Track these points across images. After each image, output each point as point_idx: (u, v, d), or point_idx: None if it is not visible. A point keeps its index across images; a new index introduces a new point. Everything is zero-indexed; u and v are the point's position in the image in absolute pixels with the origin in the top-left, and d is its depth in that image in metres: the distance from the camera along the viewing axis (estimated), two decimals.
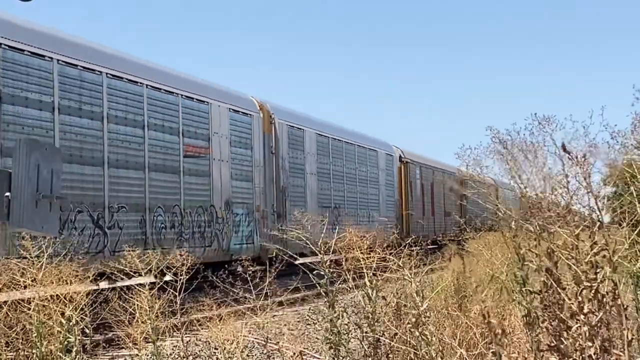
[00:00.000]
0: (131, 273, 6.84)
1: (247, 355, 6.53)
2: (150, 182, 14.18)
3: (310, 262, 7.93)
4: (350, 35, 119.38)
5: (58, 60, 12.19)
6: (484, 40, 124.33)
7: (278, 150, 19.79)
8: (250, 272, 7.71)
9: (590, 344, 4.55)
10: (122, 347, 7.79)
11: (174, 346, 8.46)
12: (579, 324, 4.59)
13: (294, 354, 6.50)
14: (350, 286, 7.38)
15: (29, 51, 11.61)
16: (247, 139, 18.28)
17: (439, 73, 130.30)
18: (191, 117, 15.92)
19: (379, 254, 7.14)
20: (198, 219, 15.78)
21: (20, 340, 6.47)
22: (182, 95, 15.66)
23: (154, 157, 14.43)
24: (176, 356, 7.55)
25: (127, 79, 13.93)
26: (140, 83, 14.33)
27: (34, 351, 6.07)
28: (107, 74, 13.35)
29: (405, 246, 7.28)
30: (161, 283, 6.94)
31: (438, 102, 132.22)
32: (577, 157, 4.61)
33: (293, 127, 21.01)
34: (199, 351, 8.22)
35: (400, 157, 30.49)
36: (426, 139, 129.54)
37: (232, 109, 17.71)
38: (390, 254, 6.93)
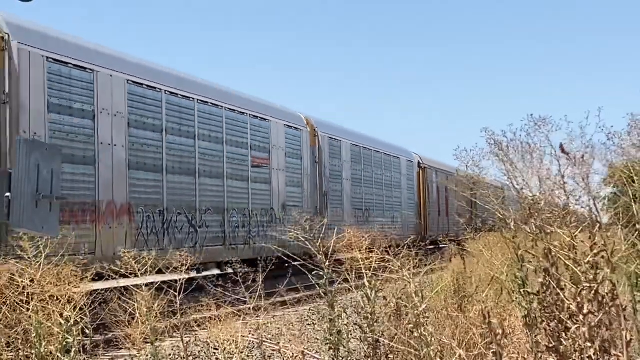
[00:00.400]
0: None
1: (247, 356, 6.54)
2: (227, 189, 17.24)
3: (310, 263, 7.95)
4: (350, 35, 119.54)
5: (165, 90, 15.24)
6: (484, 40, 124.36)
7: (321, 159, 22.84)
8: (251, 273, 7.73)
9: (589, 344, 4.55)
10: (122, 348, 7.80)
11: (174, 347, 8.47)
12: (578, 325, 4.60)
13: (295, 354, 6.50)
14: (351, 286, 7.38)
15: (147, 85, 14.73)
16: (298, 151, 21.42)
17: (439, 73, 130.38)
18: (257, 133, 19.04)
19: (378, 254, 7.14)
20: (262, 220, 18.81)
21: (21, 341, 6.47)
22: (250, 114, 18.76)
23: (230, 168, 17.49)
24: (176, 356, 7.55)
25: (211, 103, 16.98)
26: (220, 106, 17.34)
27: (33, 351, 6.07)
28: (197, 100, 16.46)
29: (420, 246, 7.28)
30: (158, 283, 6.94)
31: (438, 102, 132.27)
32: (575, 158, 4.61)
33: (332, 138, 24.03)
34: (199, 352, 8.23)
35: (419, 163, 33.51)
36: (427, 139, 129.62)
37: (287, 125, 20.87)
38: (391, 254, 6.93)
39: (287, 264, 10.64)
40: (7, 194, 5.06)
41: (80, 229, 12.08)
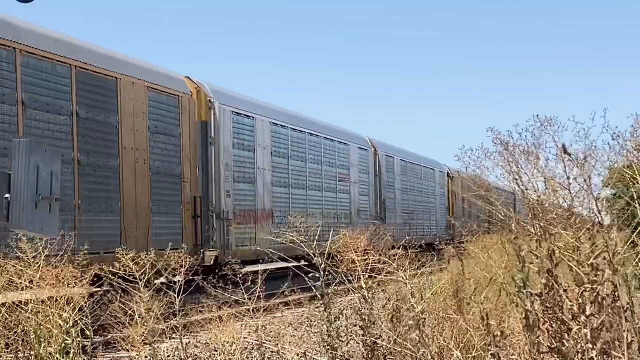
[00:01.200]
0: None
1: (247, 357, 6.53)
2: (324, 199, 22.91)
3: (305, 265, 7.96)
4: (349, 35, 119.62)
5: (290, 128, 20.87)
6: (484, 40, 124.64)
7: (380, 173, 28.49)
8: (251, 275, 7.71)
9: (591, 346, 4.56)
10: (120, 349, 7.78)
11: (174, 348, 8.45)
12: (579, 326, 4.61)
13: (297, 354, 6.49)
14: (350, 288, 7.37)
15: (281, 125, 20.30)
16: (366, 167, 26.97)
17: (440, 73, 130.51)
18: (342, 155, 24.68)
19: (374, 256, 7.14)
20: (345, 221, 23.84)
21: (21, 342, 6.45)
22: (337, 141, 24.35)
23: (326, 183, 23.17)
24: (175, 358, 7.53)
25: (315, 134, 22.60)
26: (319, 135, 22.97)
27: (32, 353, 6.05)
28: (307, 132, 22.16)
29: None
30: (157, 284, 6.93)
31: (437, 102, 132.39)
32: (577, 159, 4.62)
33: (388, 156, 29.75)
34: (199, 352, 8.20)
35: (448, 173, 38.92)
36: (427, 139, 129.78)
37: (359, 147, 26.47)
38: (390, 256, 6.92)
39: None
40: (7, 196, 5.03)
41: (247, 228, 18.09)
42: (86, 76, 12.97)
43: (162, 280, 7.20)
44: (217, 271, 15.93)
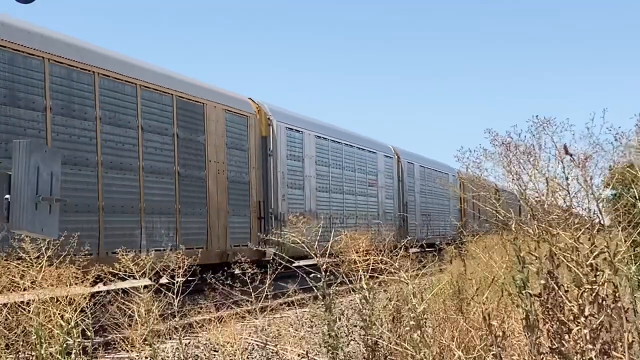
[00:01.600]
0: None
1: (247, 358, 6.52)
2: (357, 202, 26.09)
3: (306, 265, 7.96)
4: (349, 35, 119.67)
5: (330, 139, 24.20)
6: (484, 40, 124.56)
7: (402, 178, 31.79)
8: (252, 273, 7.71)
9: (591, 346, 4.55)
10: (121, 350, 7.76)
11: (174, 349, 8.44)
12: (579, 327, 4.59)
13: (298, 355, 6.48)
14: (353, 288, 7.36)
15: (323, 137, 23.68)
16: (390, 172, 30.40)
17: (440, 73, 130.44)
18: (371, 162, 27.99)
19: (375, 256, 7.12)
20: (374, 221, 27.08)
21: (21, 343, 6.44)
22: (367, 150, 27.65)
23: (359, 187, 26.50)
24: (176, 359, 7.52)
25: (349, 144, 25.96)
26: (352, 145, 26.12)
27: (33, 353, 6.05)
28: (344, 143, 25.49)
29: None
30: (156, 285, 6.92)
31: (437, 102, 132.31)
32: (578, 159, 4.60)
33: (409, 162, 33.09)
34: (199, 353, 8.20)
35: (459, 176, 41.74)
36: (426, 139, 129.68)
37: (385, 155, 29.82)
38: (390, 256, 6.91)
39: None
40: (7, 196, 5.03)
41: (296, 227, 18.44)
42: (183, 103, 16.09)
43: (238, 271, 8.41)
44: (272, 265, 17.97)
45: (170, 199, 15.11)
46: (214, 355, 7.78)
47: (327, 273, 7.41)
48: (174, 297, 6.70)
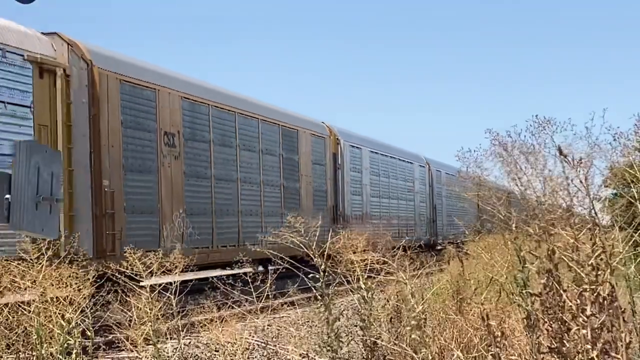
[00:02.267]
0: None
1: (248, 358, 6.53)
2: (399, 205, 30.81)
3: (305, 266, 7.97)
4: (349, 35, 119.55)
5: (380, 153, 29.09)
6: (483, 41, 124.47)
7: (432, 185, 36.42)
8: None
9: (591, 346, 4.55)
10: (122, 350, 7.78)
11: (175, 348, 8.45)
12: (579, 327, 4.60)
13: (299, 355, 6.48)
14: (351, 288, 7.35)
15: (374, 151, 28.50)
16: (423, 180, 35.04)
17: (439, 73, 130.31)
18: (408, 171, 32.71)
19: (374, 256, 7.12)
20: (412, 222, 32.42)
21: (22, 343, 6.45)
22: (404, 160, 32.15)
23: (402, 192, 31.24)
24: (177, 358, 7.53)
25: (391, 156, 30.60)
26: (394, 157, 30.79)
27: (34, 353, 6.05)
28: (389, 155, 30.42)
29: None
30: (159, 286, 6.93)
31: (437, 102, 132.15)
32: (573, 160, 4.60)
33: (438, 170, 37.52)
34: (200, 353, 8.20)
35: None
36: (426, 139, 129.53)
37: (419, 165, 34.60)
38: (390, 256, 6.91)
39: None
40: (7, 196, 5.03)
41: (359, 226, 22.83)
42: (285, 130, 21.01)
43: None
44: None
45: (277, 204, 20.18)
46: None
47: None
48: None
